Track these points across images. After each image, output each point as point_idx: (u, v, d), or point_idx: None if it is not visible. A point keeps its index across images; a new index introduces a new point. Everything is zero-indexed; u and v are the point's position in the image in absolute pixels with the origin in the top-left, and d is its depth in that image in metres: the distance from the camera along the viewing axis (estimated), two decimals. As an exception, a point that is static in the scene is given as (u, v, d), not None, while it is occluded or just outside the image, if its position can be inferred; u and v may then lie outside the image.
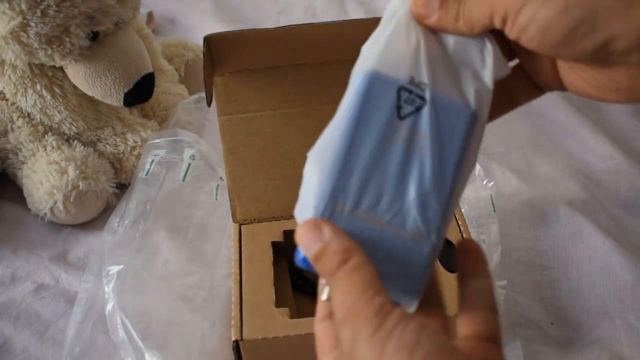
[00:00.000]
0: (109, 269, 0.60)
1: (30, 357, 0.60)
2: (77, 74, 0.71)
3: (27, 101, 0.72)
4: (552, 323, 0.61)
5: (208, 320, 0.58)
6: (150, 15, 1.04)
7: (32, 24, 0.65)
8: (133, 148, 0.75)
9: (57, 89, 0.72)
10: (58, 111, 0.73)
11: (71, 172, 0.70)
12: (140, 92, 0.72)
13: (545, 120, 0.85)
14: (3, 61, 0.70)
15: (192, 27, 1.07)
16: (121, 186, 0.76)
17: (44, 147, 0.74)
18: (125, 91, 0.71)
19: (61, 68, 0.72)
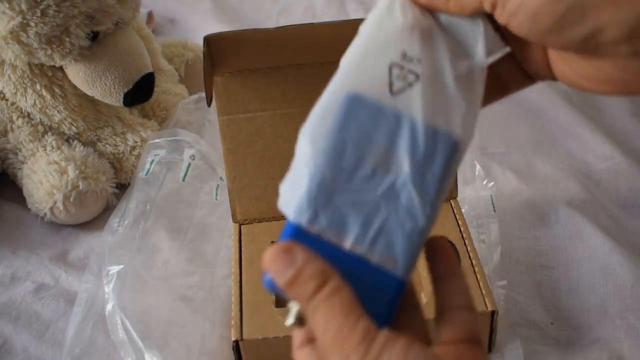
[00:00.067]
0: (109, 269, 0.60)
1: (30, 357, 0.60)
2: (77, 74, 0.71)
3: (27, 101, 0.72)
4: (552, 323, 0.61)
5: (208, 320, 0.58)
6: (150, 15, 1.04)
7: (32, 24, 0.65)
8: (133, 148, 0.75)
9: (57, 89, 0.72)
10: (58, 111, 0.73)
11: (71, 172, 0.70)
12: (140, 92, 0.72)
13: (545, 120, 0.85)
14: (3, 61, 0.70)
15: (192, 27, 1.07)
16: (121, 186, 0.76)
17: (44, 147, 0.74)
18: (125, 91, 0.71)
19: (61, 68, 0.71)
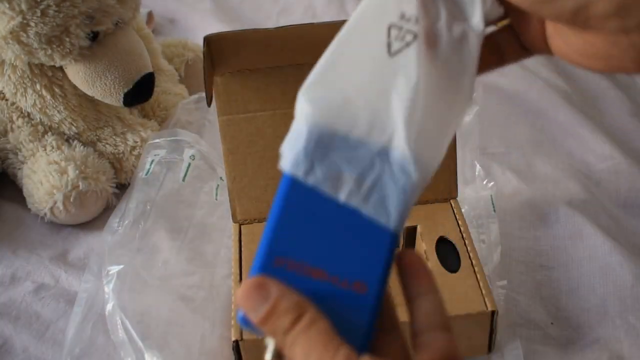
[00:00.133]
0: (109, 269, 0.60)
1: (30, 357, 0.60)
2: (77, 74, 0.71)
3: (27, 101, 0.72)
4: (552, 323, 0.61)
5: (208, 320, 0.58)
6: (150, 15, 1.04)
7: (32, 24, 0.65)
8: (133, 148, 0.75)
9: (57, 89, 0.72)
10: (58, 111, 0.73)
11: (71, 172, 0.70)
12: (140, 92, 0.72)
13: (545, 120, 0.85)
14: (3, 61, 0.70)
15: (192, 27, 1.07)
16: (121, 186, 0.76)
17: (44, 147, 0.74)
18: (125, 91, 0.71)
19: (61, 68, 0.71)
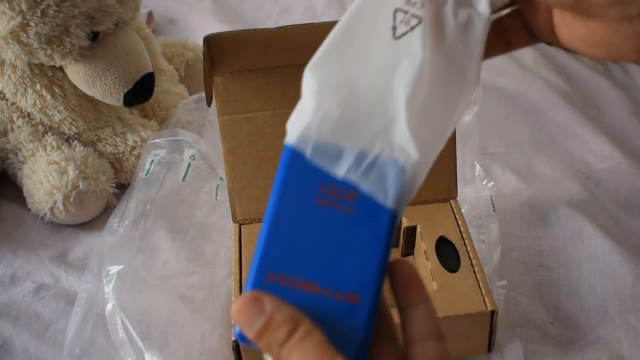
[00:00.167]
0: (109, 269, 0.60)
1: (30, 357, 0.60)
2: (77, 74, 0.71)
3: (27, 101, 0.72)
4: (552, 323, 0.61)
5: (208, 320, 0.58)
6: (150, 15, 1.04)
7: (32, 24, 0.65)
8: (133, 148, 0.75)
9: (57, 89, 0.72)
10: (58, 111, 0.73)
11: (71, 172, 0.70)
12: (140, 92, 0.72)
13: (545, 120, 0.85)
14: (3, 61, 0.70)
15: (192, 27, 1.07)
16: (121, 186, 0.76)
17: (44, 147, 0.74)
18: (125, 91, 0.71)
19: (61, 68, 0.71)
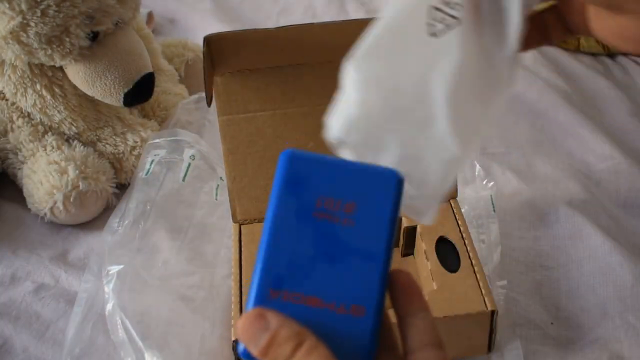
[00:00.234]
0: (109, 269, 0.60)
1: (30, 357, 0.60)
2: (77, 74, 0.71)
3: (27, 101, 0.72)
4: (552, 323, 0.61)
5: (208, 320, 0.58)
6: (150, 15, 1.04)
7: (32, 24, 0.65)
8: (133, 148, 0.75)
9: (57, 89, 0.72)
10: (58, 111, 0.73)
11: (71, 172, 0.70)
12: (140, 92, 0.72)
13: (545, 120, 0.84)
14: (3, 61, 0.70)
15: (192, 27, 1.07)
16: (121, 186, 0.76)
17: (44, 147, 0.74)
18: (125, 91, 0.71)
19: (61, 68, 0.71)
